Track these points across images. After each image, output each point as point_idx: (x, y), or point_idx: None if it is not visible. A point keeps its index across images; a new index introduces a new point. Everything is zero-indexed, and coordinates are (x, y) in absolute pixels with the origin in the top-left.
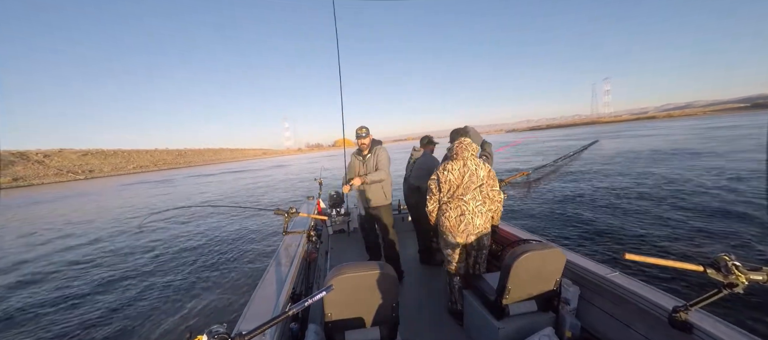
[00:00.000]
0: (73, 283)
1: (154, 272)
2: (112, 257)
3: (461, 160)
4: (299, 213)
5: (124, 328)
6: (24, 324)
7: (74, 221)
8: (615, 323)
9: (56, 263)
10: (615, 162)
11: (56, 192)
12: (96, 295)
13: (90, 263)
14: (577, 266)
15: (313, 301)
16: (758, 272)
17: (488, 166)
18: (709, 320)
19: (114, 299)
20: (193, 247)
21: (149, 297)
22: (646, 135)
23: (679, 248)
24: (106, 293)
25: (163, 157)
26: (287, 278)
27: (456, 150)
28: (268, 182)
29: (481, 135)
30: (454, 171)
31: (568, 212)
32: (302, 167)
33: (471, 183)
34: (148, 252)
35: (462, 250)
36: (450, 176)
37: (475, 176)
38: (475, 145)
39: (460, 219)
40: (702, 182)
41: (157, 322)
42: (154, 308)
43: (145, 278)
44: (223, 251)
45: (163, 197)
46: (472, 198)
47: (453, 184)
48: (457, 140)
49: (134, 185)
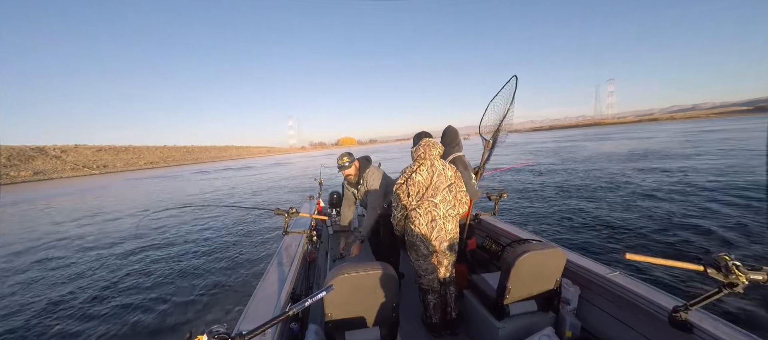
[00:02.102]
0: (64, 284)
1: (154, 272)
2: (110, 258)
3: (429, 160)
4: (299, 213)
5: (123, 328)
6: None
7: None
8: (615, 323)
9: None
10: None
11: (78, 185)
12: (95, 295)
13: (73, 265)
14: (578, 266)
15: (313, 301)
16: (758, 272)
17: (454, 167)
18: (709, 319)
19: (113, 300)
20: (193, 247)
21: (149, 297)
22: (635, 137)
23: (679, 248)
24: (106, 293)
25: (171, 153)
26: (287, 278)
27: (422, 150)
28: (270, 179)
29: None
30: (422, 172)
31: (562, 211)
32: (306, 164)
33: (440, 183)
34: (148, 252)
35: (435, 260)
36: (418, 178)
37: (443, 176)
38: (440, 145)
39: (431, 225)
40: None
41: (157, 322)
42: (153, 308)
43: (144, 278)
44: (223, 250)
45: (174, 191)
46: (442, 200)
47: (422, 186)
48: (423, 141)
49: (148, 180)
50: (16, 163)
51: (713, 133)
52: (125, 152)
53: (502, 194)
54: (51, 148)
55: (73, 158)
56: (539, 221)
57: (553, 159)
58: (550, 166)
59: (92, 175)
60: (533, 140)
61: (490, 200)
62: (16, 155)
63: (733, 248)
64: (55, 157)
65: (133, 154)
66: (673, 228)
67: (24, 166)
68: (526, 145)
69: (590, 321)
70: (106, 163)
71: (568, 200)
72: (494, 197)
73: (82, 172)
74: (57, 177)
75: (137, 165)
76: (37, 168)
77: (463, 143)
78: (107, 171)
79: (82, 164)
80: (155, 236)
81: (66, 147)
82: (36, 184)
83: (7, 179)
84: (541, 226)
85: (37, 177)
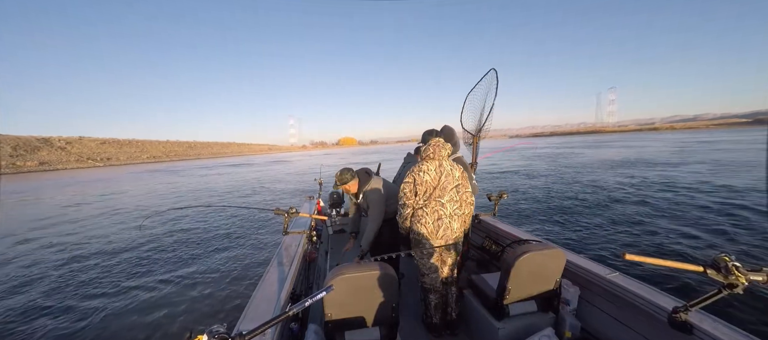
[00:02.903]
0: (63, 283)
1: (153, 272)
2: (109, 258)
3: (437, 160)
4: (299, 213)
5: (123, 328)
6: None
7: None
8: (615, 324)
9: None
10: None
11: (84, 176)
12: (93, 295)
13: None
14: (577, 266)
15: (313, 301)
16: (758, 273)
17: (459, 166)
18: (708, 320)
19: (111, 300)
20: (193, 246)
21: (149, 297)
22: (629, 146)
23: (679, 248)
24: (105, 293)
25: (174, 148)
26: (287, 278)
27: (432, 150)
28: (274, 177)
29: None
30: (430, 172)
31: (562, 211)
32: (307, 163)
33: (448, 184)
34: (147, 252)
35: (439, 259)
36: (426, 177)
37: (451, 177)
38: (449, 145)
39: (437, 224)
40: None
41: (157, 322)
42: (153, 308)
43: (143, 277)
44: (223, 250)
45: (178, 186)
46: (449, 200)
47: (429, 185)
48: (432, 140)
49: (151, 173)
50: (22, 153)
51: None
52: (128, 146)
53: (502, 194)
54: (56, 139)
55: (78, 150)
56: (539, 221)
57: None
58: (546, 171)
59: (96, 167)
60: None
61: (490, 201)
62: (23, 145)
63: (733, 248)
64: (60, 149)
65: (136, 148)
66: (673, 229)
67: (30, 156)
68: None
69: (590, 322)
70: (110, 155)
71: (567, 200)
72: (494, 198)
73: (87, 164)
74: (62, 168)
75: (140, 159)
76: (42, 159)
77: (460, 143)
78: (111, 164)
79: (86, 156)
80: (155, 235)
81: (71, 139)
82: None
83: (13, 168)
84: (541, 226)
85: (42, 167)
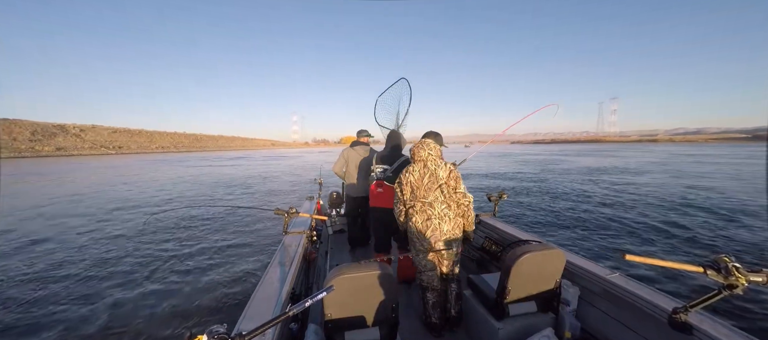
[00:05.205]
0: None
1: (153, 272)
2: (107, 258)
3: (421, 161)
4: (299, 213)
5: (122, 328)
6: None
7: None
8: (615, 324)
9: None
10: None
11: (99, 163)
12: (94, 294)
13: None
14: (577, 266)
15: (313, 301)
16: (758, 274)
17: (450, 166)
18: (708, 321)
19: (110, 300)
20: (192, 246)
21: (148, 297)
22: (622, 156)
23: (679, 249)
24: (105, 293)
25: (181, 140)
26: (287, 278)
27: (414, 151)
28: (271, 172)
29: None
30: (415, 173)
31: (564, 214)
32: (307, 160)
33: (432, 184)
34: (147, 252)
35: (434, 257)
36: (411, 178)
37: (435, 176)
38: (433, 145)
39: (426, 224)
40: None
41: (157, 322)
42: (152, 308)
43: (142, 277)
44: (223, 250)
45: (189, 175)
46: (436, 200)
47: (414, 185)
48: (417, 142)
49: (164, 162)
50: (39, 138)
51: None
52: (139, 135)
53: (501, 194)
54: (71, 126)
55: (92, 137)
56: (539, 222)
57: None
58: (540, 176)
59: (108, 154)
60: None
61: (490, 201)
62: (40, 131)
63: (733, 249)
64: (75, 136)
65: (146, 138)
66: (673, 230)
67: (47, 141)
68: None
69: (590, 322)
70: (121, 144)
71: (564, 202)
72: (494, 198)
73: (99, 151)
74: (77, 154)
75: (149, 149)
76: (58, 144)
77: (442, 150)
78: (122, 152)
79: (99, 144)
80: (155, 235)
81: (84, 127)
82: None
83: (33, 152)
84: (541, 228)
85: (59, 153)
